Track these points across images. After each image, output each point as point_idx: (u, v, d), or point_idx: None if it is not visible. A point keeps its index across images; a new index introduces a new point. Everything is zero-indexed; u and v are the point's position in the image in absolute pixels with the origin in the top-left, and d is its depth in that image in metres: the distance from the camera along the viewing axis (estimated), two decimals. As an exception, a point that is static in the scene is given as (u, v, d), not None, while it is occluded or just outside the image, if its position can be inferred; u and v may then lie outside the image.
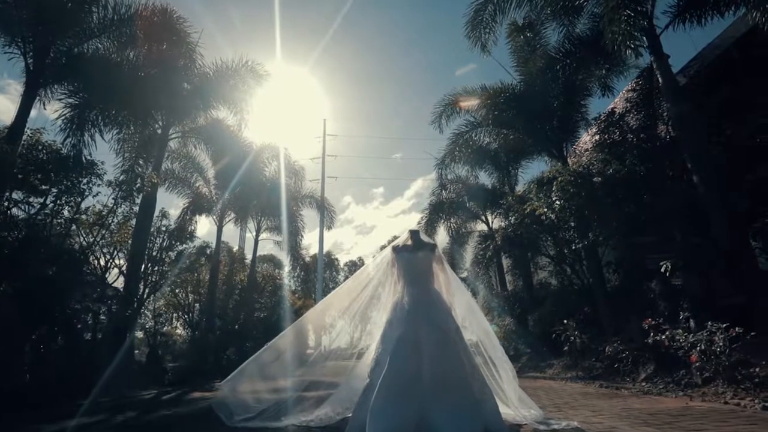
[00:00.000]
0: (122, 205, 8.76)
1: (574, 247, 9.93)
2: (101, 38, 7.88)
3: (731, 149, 6.23)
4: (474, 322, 3.46)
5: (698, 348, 4.66)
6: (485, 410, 2.80)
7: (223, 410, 3.57)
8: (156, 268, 10.39)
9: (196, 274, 15.09)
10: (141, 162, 9.88)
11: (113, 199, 8.55)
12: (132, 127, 8.33)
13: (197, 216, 15.04)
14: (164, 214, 10.46)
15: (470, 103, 10.77)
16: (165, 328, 14.27)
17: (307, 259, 24.21)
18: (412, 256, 3.38)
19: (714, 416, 3.45)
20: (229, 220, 15.62)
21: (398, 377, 2.73)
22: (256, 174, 14.65)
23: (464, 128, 11.05)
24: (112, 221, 9.17)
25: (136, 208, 9.13)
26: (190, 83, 9.89)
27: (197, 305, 15.79)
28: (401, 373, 2.75)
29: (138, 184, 8.55)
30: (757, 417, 3.36)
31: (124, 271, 9.45)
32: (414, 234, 3.57)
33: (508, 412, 3.16)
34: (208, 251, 12.43)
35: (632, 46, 5.51)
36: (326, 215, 18.56)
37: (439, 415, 2.67)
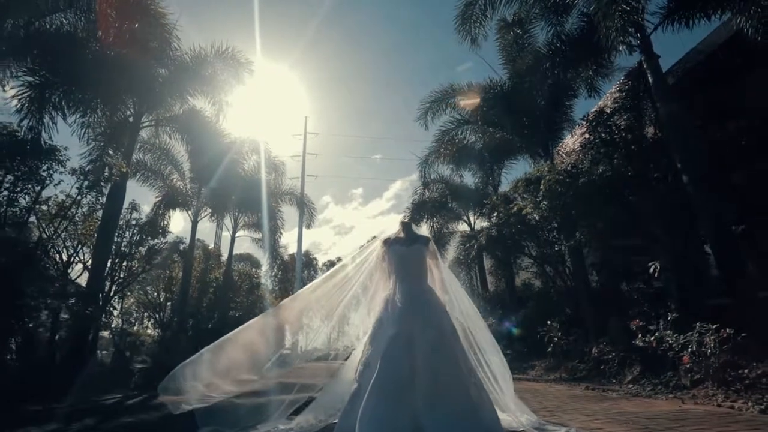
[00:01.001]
0: (88, 196, 8.17)
1: (557, 248, 9.92)
2: (66, 13, 7.29)
3: (715, 152, 6.25)
4: (471, 324, 3.21)
5: (690, 349, 4.57)
6: (483, 417, 2.56)
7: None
8: (124, 264, 9.79)
9: (168, 272, 14.42)
10: (111, 152, 9.27)
11: (78, 188, 7.96)
12: (100, 112, 7.74)
13: (171, 211, 14.37)
14: (134, 207, 9.88)
15: (458, 100, 10.64)
16: (134, 328, 13.56)
17: (286, 257, 23.64)
18: (404, 250, 3.12)
19: (713, 420, 3.33)
20: (205, 216, 15.00)
21: (390, 381, 2.45)
22: (234, 168, 14.11)
23: (450, 125, 10.91)
24: (76, 213, 8.55)
25: (103, 199, 8.53)
26: (166, 68, 9.33)
27: (169, 304, 15.08)
28: (394, 376, 2.48)
29: (106, 173, 7.97)
30: (758, 421, 3.25)
31: (89, 267, 8.82)
32: (406, 226, 3.30)
33: (504, 417, 2.93)
34: (181, 247, 11.85)
35: (626, 41, 5.44)
36: (306, 213, 18.11)
37: (435, 422, 2.41)
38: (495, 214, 10.68)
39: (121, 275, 9.49)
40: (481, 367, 3.00)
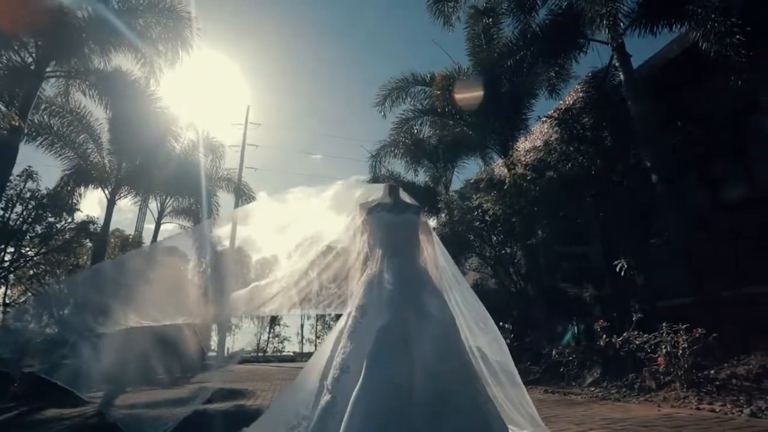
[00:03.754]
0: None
1: (510, 249, 9.79)
2: None
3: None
4: (473, 318, 2.58)
5: (665, 350, 4.37)
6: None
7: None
8: (11, 244, 7.96)
9: (73, 258, 12.27)
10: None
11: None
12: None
13: (83, 188, 12.34)
14: (30, 175, 8.09)
15: (419, 89, 10.21)
16: (19, 324, 11.29)
17: (218, 248, 21.62)
18: (393, 218, 2.42)
19: (710, 427, 3.05)
20: (125, 197, 13.08)
21: (383, 391, 1.74)
22: (164, 145, 12.45)
23: (410, 114, 10.42)
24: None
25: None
26: (82, 9, 7.76)
27: (72, 298, 12.86)
28: (387, 385, 1.76)
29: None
30: (760, 426, 3.01)
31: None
32: (393, 190, 2.60)
33: None
34: (92, 228, 10.05)
35: (609, 25, 5.32)
36: (244, 202, 16.63)
37: None
38: (446, 212, 10.37)
39: (5, 257, 7.68)
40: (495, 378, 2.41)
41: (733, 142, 6.03)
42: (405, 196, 2.66)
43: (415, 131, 11.13)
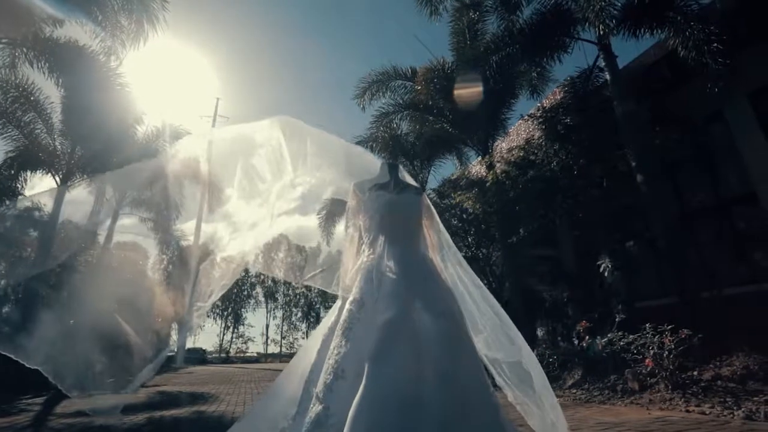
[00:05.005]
0: None
1: (488, 249, 9.69)
2: None
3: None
4: (490, 321, 2.25)
5: (652, 351, 4.28)
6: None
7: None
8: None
9: (17, 250, 11.16)
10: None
11: None
12: None
13: (30, 172, 11.26)
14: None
15: (400, 83, 9.96)
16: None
17: (182, 244, 20.59)
18: (393, 198, 2.10)
19: (711, 429, 2.92)
20: (78, 183, 12.02)
21: (390, 402, 1.41)
22: (124, 130, 11.58)
23: (390, 108, 10.12)
24: None
25: None
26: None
27: (13, 295, 11.71)
28: (394, 393, 1.44)
29: None
30: (759, 430, 2.90)
31: None
32: (393, 168, 2.28)
33: None
34: (37, 215, 9.09)
35: (602, 22, 5.25)
36: (212, 194, 15.78)
37: None
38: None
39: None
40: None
41: (712, 145, 6.11)
42: (406, 176, 2.34)
43: (395, 126, 10.85)
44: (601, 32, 5.65)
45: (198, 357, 36.48)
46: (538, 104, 9.09)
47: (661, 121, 6.71)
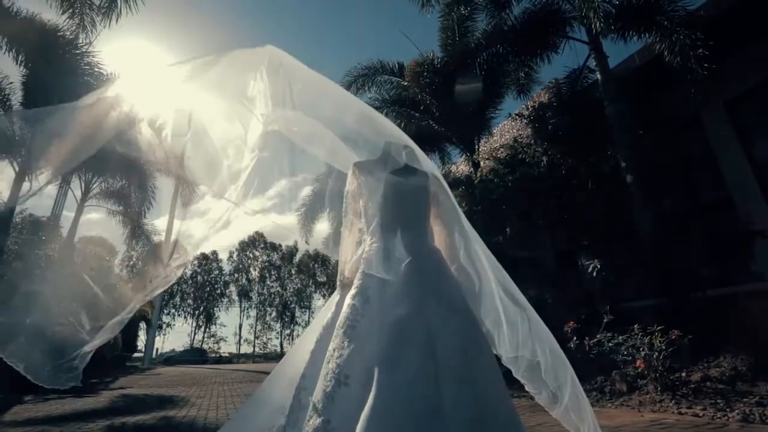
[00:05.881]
0: None
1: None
2: None
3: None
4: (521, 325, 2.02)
5: (643, 352, 4.21)
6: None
7: None
8: None
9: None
10: None
11: None
12: None
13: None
14: None
15: (386, 78, 9.76)
16: None
17: (154, 239, 19.75)
18: (401, 181, 1.87)
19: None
20: (39, 172, 11.23)
21: (405, 416, 1.19)
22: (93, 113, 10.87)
23: (377, 103, 9.90)
24: None
25: None
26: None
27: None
28: (410, 403, 1.21)
29: None
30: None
31: None
32: (402, 149, 2.03)
33: None
34: (-11, 204, 8.36)
35: (599, 18, 5.21)
36: (185, 188, 15.12)
37: None
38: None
39: None
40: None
41: (700, 146, 6.18)
42: (418, 157, 2.09)
43: (380, 122, 10.65)
44: (599, 28, 5.59)
45: (198, 357, 35.81)
46: (524, 105, 9.08)
47: (646, 124, 6.77)
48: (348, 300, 1.56)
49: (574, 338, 5.33)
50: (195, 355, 36.13)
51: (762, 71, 6.09)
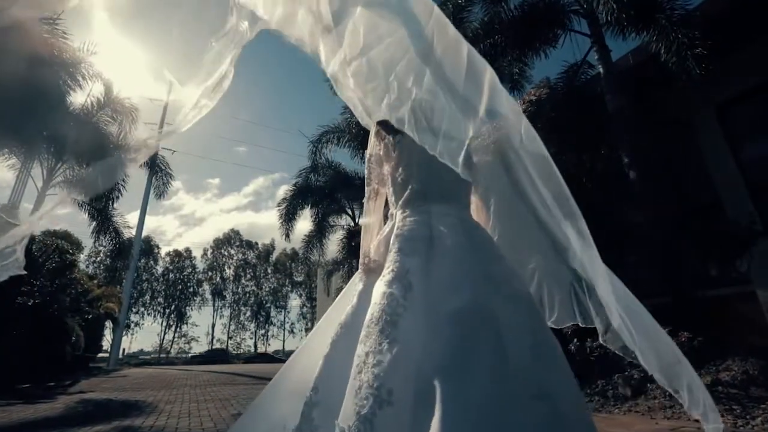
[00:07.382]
0: None
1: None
2: None
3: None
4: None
5: (653, 354, 3.98)
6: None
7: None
8: None
9: None
10: None
11: None
12: None
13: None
14: None
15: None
16: None
17: (122, 234, 18.70)
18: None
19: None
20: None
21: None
22: (55, 94, 10.06)
23: (367, 94, 9.51)
24: None
25: None
26: None
27: None
28: (487, 423, 0.85)
29: None
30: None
31: None
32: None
33: None
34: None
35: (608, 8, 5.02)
36: (159, 178, 14.33)
37: None
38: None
39: None
40: None
41: (700, 142, 6.09)
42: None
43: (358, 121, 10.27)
44: (607, 19, 5.40)
45: (221, 357, 37.42)
46: (520, 99, 8.87)
47: (644, 121, 6.65)
48: (382, 287, 1.18)
49: (575, 340, 5.11)
50: (217, 356, 37.92)
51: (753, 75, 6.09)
